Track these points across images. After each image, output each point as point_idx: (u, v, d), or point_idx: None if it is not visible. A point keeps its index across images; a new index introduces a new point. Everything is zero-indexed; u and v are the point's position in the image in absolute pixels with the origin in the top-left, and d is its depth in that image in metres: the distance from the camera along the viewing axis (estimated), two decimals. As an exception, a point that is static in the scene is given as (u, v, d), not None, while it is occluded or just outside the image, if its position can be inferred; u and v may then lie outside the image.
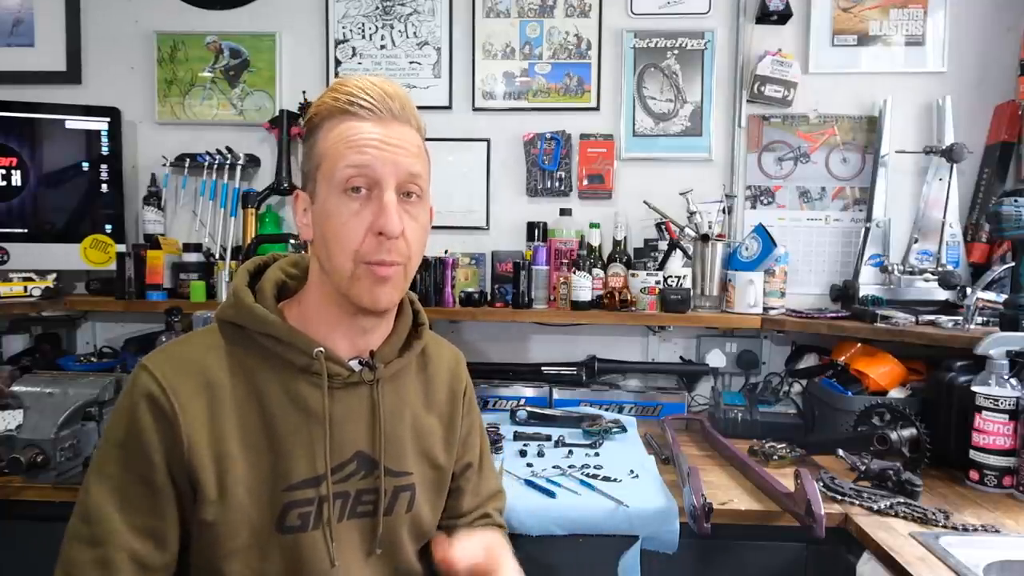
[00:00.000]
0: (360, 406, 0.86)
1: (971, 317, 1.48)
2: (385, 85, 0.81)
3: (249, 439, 0.79)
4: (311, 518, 0.81)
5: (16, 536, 1.31)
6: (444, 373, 0.99)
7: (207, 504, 0.76)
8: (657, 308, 1.81)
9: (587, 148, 2.00)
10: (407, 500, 0.89)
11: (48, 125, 1.93)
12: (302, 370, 0.82)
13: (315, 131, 0.82)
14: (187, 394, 0.77)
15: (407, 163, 0.80)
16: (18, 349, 1.93)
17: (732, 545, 1.26)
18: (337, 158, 0.78)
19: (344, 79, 0.82)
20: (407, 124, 0.82)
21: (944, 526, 1.15)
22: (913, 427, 1.39)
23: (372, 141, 0.78)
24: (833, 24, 1.96)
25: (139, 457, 0.75)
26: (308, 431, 0.81)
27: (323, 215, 0.80)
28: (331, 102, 0.80)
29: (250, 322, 0.82)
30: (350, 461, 0.84)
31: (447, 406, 0.98)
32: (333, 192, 0.79)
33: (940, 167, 1.84)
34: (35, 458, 1.23)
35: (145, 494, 0.75)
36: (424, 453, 0.93)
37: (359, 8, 2.04)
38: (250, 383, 0.81)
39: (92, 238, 1.95)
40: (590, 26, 2.01)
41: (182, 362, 0.79)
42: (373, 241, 0.78)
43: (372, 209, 0.78)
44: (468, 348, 2.05)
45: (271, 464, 0.80)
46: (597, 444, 1.58)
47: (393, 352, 0.90)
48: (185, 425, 0.75)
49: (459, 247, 2.03)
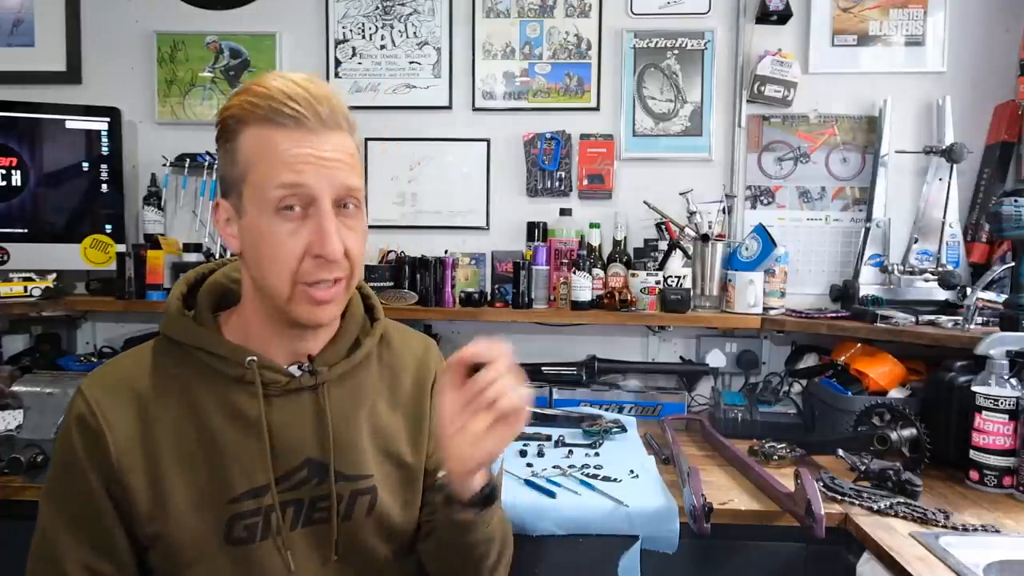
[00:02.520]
0: (304, 412, 0.83)
1: (971, 317, 1.48)
2: (309, 86, 0.75)
3: (185, 453, 0.78)
4: (258, 529, 0.79)
5: (16, 536, 1.31)
6: (410, 364, 0.95)
7: (147, 520, 0.76)
8: (657, 308, 1.81)
9: (587, 148, 2.00)
10: (367, 503, 0.86)
11: (48, 125, 1.93)
12: (236, 380, 0.80)
13: (232, 136, 0.75)
14: (115, 412, 0.77)
15: (342, 176, 0.75)
16: (18, 349, 1.93)
17: (732, 545, 1.26)
18: (266, 176, 0.73)
19: (262, 79, 0.75)
20: (337, 129, 0.76)
21: (944, 526, 1.15)
22: (913, 427, 1.39)
23: (304, 157, 0.73)
24: (833, 24, 1.96)
25: (77, 479, 0.76)
26: (247, 442, 0.79)
27: (254, 234, 0.75)
28: (250, 108, 0.74)
29: (181, 335, 0.81)
30: (300, 468, 0.82)
31: (413, 400, 0.93)
32: (265, 211, 0.73)
33: (940, 167, 1.84)
34: (35, 458, 1.23)
35: (90, 515, 0.76)
36: (387, 452, 0.89)
37: (359, 8, 2.04)
38: (184, 397, 0.79)
39: (92, 238, 1.95)
40: (590, 26, 2.01)
41: (113, 380, 0.79)
42: (311, 263, 0.74)
43: (309, 228, 0.74)
44: (468, 348, 2.05)
45: (210, 478, 0.78)
46: (597, 444, 1.57)
47: (339, 353, 0.86)
48: (114, 443, 0.76)
49: (459, 247, 2.03)
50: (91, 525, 0.76)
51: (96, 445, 0.76)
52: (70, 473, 0.76)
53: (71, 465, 0.76)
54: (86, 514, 0.76)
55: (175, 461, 0.78)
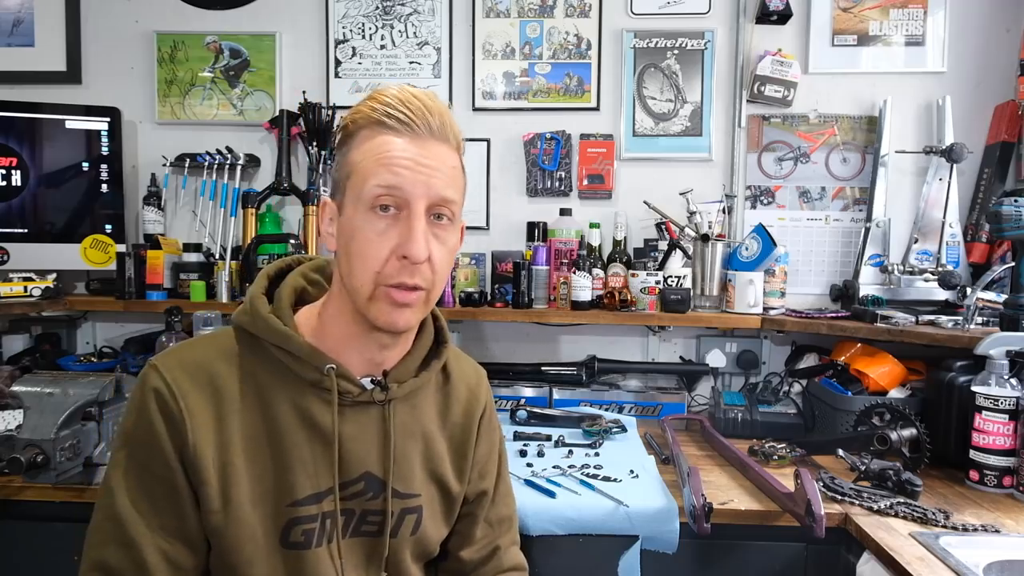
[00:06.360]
0: (370, 425, 0.84)
1: (971, 317, 1.48)
2: (426, 99, 0.77)
3: (254, 451, 0.78)
4: (314, 535, 0.80)
5: (16, 536, 1.31)
6: (463, 393, 0.96)
7: (211, 513, 0.76)
8: (657, 308, 1.81)
9: (587, 148, 2.00)
10: (413, 522, 0.87)
11: (48, 125, 1.93)
12: (312, 385, 0.80)
13: (349, 139, 0.78)
14: (194, 398, 0.76)
15: (439, 185, 0.76)
16: (18, 349, 1.93)
17: (732, 545, 1.26)
18: (367, 174, 0.75)
19: (384, 88, 0.78)
20: (445, 143, 0.78)
21: (944, 526, 1.15)
22: (913, 427, 1.39)
23: (405, 160, 0.74)
24: (833, 24, 1.96)
25: (155, 457, 0.75)
26: (314, 448, 0.80)
27: (348, 230, 0.77)
28: (368, 111, 0.77)
29: (263, 332, 0.80)
30: (357, 481, 0.83)
31: (460, 429, 0.94)
32: (360, 208, 0.75)
33: (940, 167, 1.84)
34: (35, 458, 1.23)
35: (167, 493, 0.75)
36: (434, 475, 0.90)
37: (359, 8, 2.04)
38: (258, 394, 0.79)
39: (92, 238, 1.95)
40: (590, 26, 2.01)
41: (192, 366, 0.78)
42: (396, 264, 0.75)
43: (399, 230, 0.75)
44: (468, 348, 2.05)
45: (275, 478, 0.79)
46: (597, 444, 1.57)
47: (409, 372, 0.87)
48: (192, 430, 0.75)
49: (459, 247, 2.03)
50: (171, 508, 0.75)
51: (176, 428, 0.74)
52: (151, 452, 0.74)
53: (151, 444, 0.74)
54: (167, 496, 0.75)
55: (243, 457, 0.77)
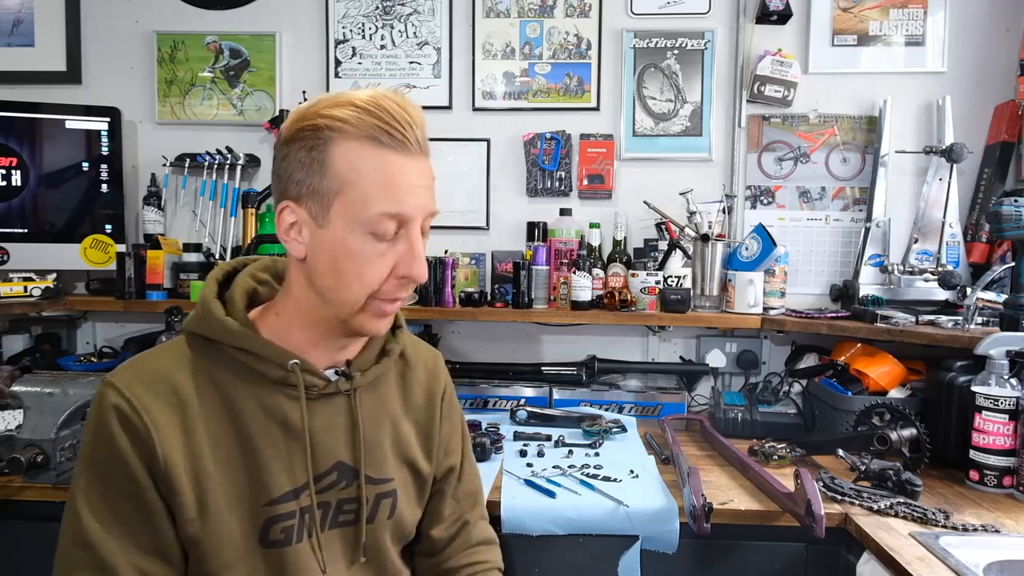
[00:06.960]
0: (338, 416, 0.84)
1: (971, 317, 1.48)
2: (410, 109, 0.75)
3: (224, 455, 0.77)
4: (294, 531, 0.80)
5: (16, 536, 1.32)
6: (422, 375, 0.97)
7: (188, 522, 0.75)
8: (657, 308, 1.81)
9: (587, 148, 2.00)
10: (389, 506, 0.89)
11: (48, 125, 1.93)
12: (277, 383, 0.80)
13: (322, 144, 0.73)
14: (157, 410, 0.75)
15: (431, 202, 0.77)
16: (18, 349, 1.93)
17: (732, 545, 1.26)
18: (370, 197, 0.73)
19: (358, 93, 0.75)
20: (425, 155, 0.77)
21: (944, 526, 1.15)
22: (913, 427, 1.39)
23: (407, 185, 0.74)
24: (833, 24, 1.96)
25: (121, 476, 0.73)
26: (285, 444, 0.80)
27: (338, 249, 0.75)
28: (352, 120, 0.73)
29: (221, 335, 0.79)
30: (330, 472, 0.83)
31: (424, 410, 0.96)
32: (356, 230, 0.74)
33: (940, 167, 1.84)
34: (35, 458, 1.23)
35: (137, 511, 0.74)
36: (404, 458, 0.92)
37: (359, 8, 2.04)
38: (222, 397, 0.78)
39: (92, 238, 1.95)
40: (590, 26, 2.01)
41: (149, 378, 0.76)
42: (395, 283, 0.77)
43: (397, 251, 0.75)
44: (468, 348, 2.05)
45: (248, 479, 0.78)
46: (597, 444, 1.57)
47: (370, 359, 0.88)
48: (160, 443, 0.73)
49: (459, 247, 2.03)
50: (143, 525, 0.74)
51: (143, 444, 0.73)
52: (117, 471, 0.73)
53: (115, 464, 0.73)
54: (137, 513, 0.74)
55: (215, 462, 0.77)
